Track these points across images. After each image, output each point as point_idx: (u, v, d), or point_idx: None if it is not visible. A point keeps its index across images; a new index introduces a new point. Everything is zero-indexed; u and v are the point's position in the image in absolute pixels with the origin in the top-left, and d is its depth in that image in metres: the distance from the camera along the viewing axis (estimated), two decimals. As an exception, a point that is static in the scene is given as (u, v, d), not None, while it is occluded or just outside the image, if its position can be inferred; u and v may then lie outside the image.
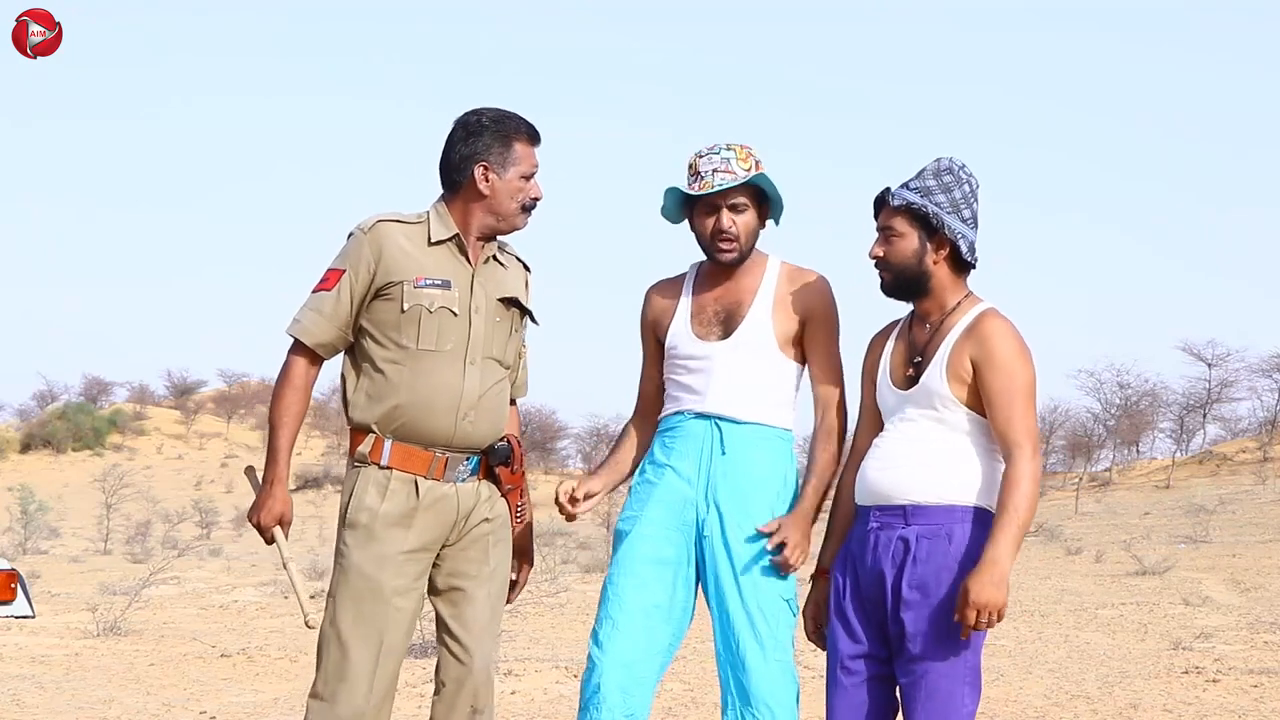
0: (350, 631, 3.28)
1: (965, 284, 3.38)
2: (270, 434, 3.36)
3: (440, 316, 3.34)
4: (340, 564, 3.33)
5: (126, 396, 59.74)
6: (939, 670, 3.21)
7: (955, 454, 3.29)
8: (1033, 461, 3.22)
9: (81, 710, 6.57)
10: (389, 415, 3.33)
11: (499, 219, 3.41)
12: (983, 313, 3.33)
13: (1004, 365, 3.26)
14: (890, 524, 3.29)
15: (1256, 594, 11.99)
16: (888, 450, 3.35)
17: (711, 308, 3.61)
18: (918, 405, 3.32)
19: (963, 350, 3.29)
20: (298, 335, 3.36)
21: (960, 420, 3.29)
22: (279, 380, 3.38)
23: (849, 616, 3.35)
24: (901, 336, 3.45)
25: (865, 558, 3.32)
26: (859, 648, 3.33)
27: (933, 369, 3.31)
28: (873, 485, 3.34)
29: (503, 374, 3.46)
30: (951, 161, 3.35)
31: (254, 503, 3.39)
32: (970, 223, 3.34)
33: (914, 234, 3.32)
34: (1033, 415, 3.27)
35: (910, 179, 3.35)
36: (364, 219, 3.41)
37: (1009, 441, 3.23)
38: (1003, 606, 3.14)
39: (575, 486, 3.64)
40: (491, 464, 3.44)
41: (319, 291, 3.37)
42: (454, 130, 3.41)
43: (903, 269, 3.34)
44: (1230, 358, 36.70)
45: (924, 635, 3.21)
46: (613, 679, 3.44)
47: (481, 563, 3.42)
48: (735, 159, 3.52)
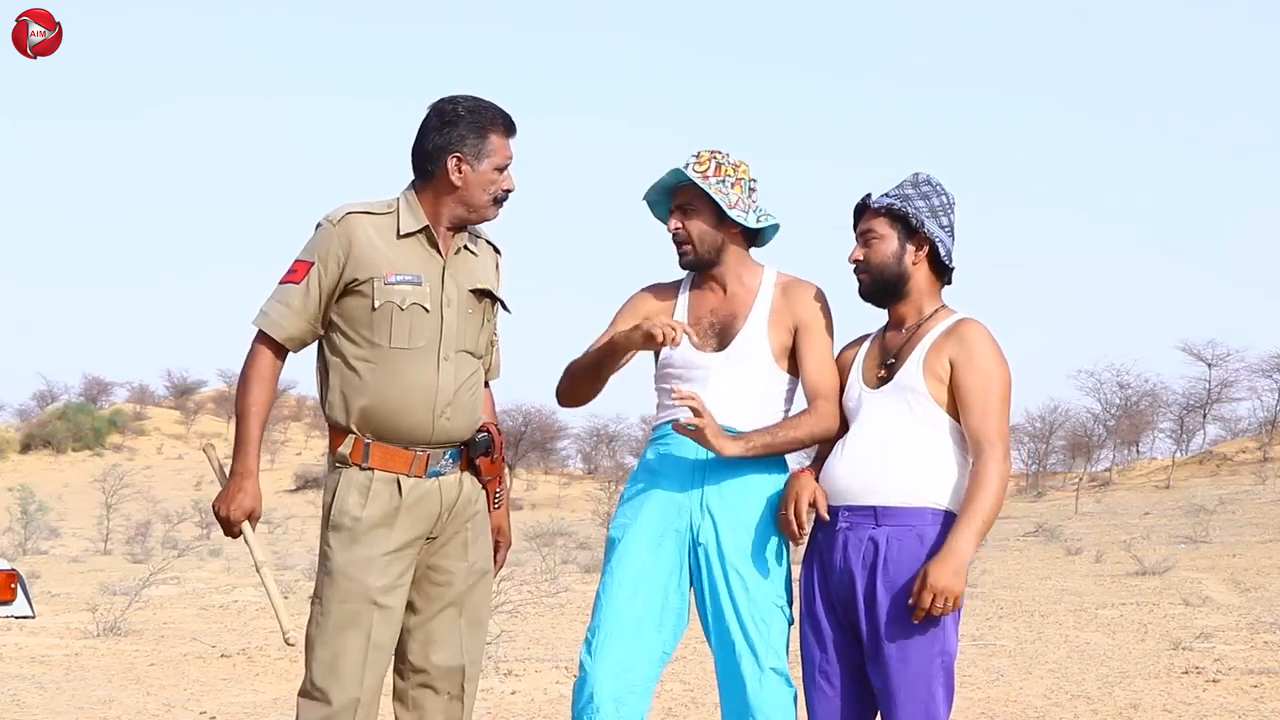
0: (337, 632, 3.26)
1: (941, 295, 3.46)
2: (238, 425, 3.29)
3: (412, 313, 3.30)
4: (325, 566, 3.31)
5: (126, 396, 59.75)
6: (913, 670, 3.23)
7: (926, 454, 3.31)
8: (1003, 462, 3.26)
9: (81, 710, 6.57)
10: (365, 415, 3.30)
11: (469, 210, 3.37)
12: (963, 318, 3.40)
13: (983, 366, 3.30)
14: (859, 524, 3.31)
15: (1256, 594, 11.99)
16: (856, 450, 3.36)
17: (707, 319, 3.61)
18: (889, 402, 3.35)
19: (942, 349, 3.33)
20: (265, 328, 3.30)
21: (932, 419, 3.32)
22: (244, 372, 3.32)
23: (820, 620, 3.37)
24: (875, 341, 3.50)
25: (834, 558, 3.33)
26: (830, 651, 3.35)
27: (909, 365, 3.35)
28: (841, 484, 3.35)
29: (476, 365, 3.43)
30: (929, 176, 3.45)
31: (220, 493, 3.31)
32: (948, 230, 3.43)
33: (894, 235, 3.40)
34: (1006, 419, 3.32)
35: (888, 190, 3.45)
36: (332, 209, 3.34)
37: (981, 440, 3.26)
38: (959, 595, 3.19)
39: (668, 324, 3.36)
40: (473, 456, 3.43)
41: (286, 283, 3.31)
42: (428, 117, 3.35)
43: (882, 269, 3.40)
44: (1230, 358, 36.71)
45: (896, 636, 3.23)
46: (605, 689, 3.43)
47: (460, 558, 3.41)
48: (694, 163, 3.56)
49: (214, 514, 3.32)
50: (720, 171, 3.55)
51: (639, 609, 3.49)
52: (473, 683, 3.47)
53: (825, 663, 3.36)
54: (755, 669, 3.43)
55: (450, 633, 3.40)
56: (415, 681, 3.41)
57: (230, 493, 3.29)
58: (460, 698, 3.43)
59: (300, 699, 3.31)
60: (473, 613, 3.44)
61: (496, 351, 3.59)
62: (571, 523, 26.54)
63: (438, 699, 3.41)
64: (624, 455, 46.59)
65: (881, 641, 3.24)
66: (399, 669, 3.42)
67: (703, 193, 3.55)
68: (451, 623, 3.40)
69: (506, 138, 3.37)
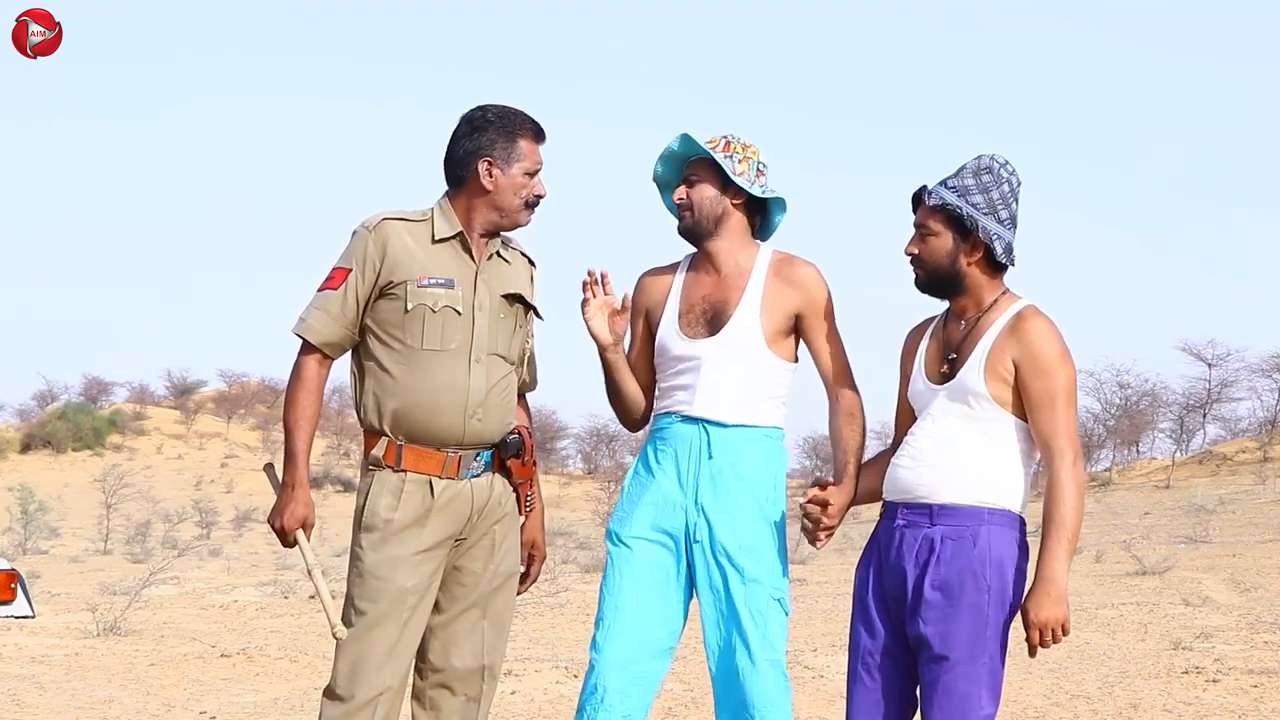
0: (365, 632, 3.30)
1: (1002, 281, 3.35)
2: (287, 437, 3.35)
3: (444, 315, 3.34)
4: (356, 566, 3.35)
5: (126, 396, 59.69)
6: (958, 671, 3.19)
7: (985, 455, 3.26)
8: (1075, 467, 3.20)
9: (81, 710, 6.57)
10: (397, 417, 3.34)
11: (502, 215, 3.41)
12: (1022, 311, 3.29)
13: (1046, 367, 3.22)
14: (916, 522, 3.27)
15: (1256, 594, 11.98)
16: (918, 447, 3.33)
17: (699, 305, 3.61)
18: (951, 401, 3.29)
19: (1004, 349, 3.25)
20: (305, 335, 3.35)
21: (993, 419, 3.26)
22: (291, 382, 3.37)
23: (871, 611, 3.34)
24: (936, 333, 3.42)
25: (890, 553, 3.31)
26: (879, 643, 3.32)
27: (970, 366, 3.27)
28: (901, 482, 3.33)
29: (508, 369, 3.46)
30: (993, 160, 3.31)
31: (275, 505, 3.36)
32: (1007, 224, 3.30)
33: (949, 234, 3.29)
34: (1074, 419, 3.25)
35: (949, 176, 3.32)
36: (368, 216, 3.41)
37: (1051, 448, 3.21)
38: (1065, 621, 3.14)
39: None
40: (504, 457, 3.45)
41: (325, 290, 3.37)
42: (459, 126, 3.42)
43: (936, 268, 3.32)
44: (1230, 358, 36.64)
45: (944, 635, 3.19)
46: (610, 680, 3.45)
47: (487, 560, 3.44)
48: (707, 140, 3.60)
49: (270, 526, 3.37)
50: (729, 148, 3.58)
51: (640, 604, 3.51)
52: (492, 684, 3.49)
53: (870, 655, 3.33)
54: (749, 663, 3.44)
55: (471, 634, 3.43)
56: (433, 681, 3.43)
57: (283, 504, 3.34)
58: (478, 699, 3.46)
59: (324, 698, 3.34)
60: (496, 615, 3.47)
61: (532, 362, 3.61)
62: (571, 523, 26.55)
63: (454, 700, 3.43)
64: (624, 455, 46.55)
65: (929, 640, 3.21)
66: (418, 668, 3.45)
67: (709, 164, 3.57)
68: (474, 624, 3.43)
69: (536, 143, 3.43)
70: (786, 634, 3.53)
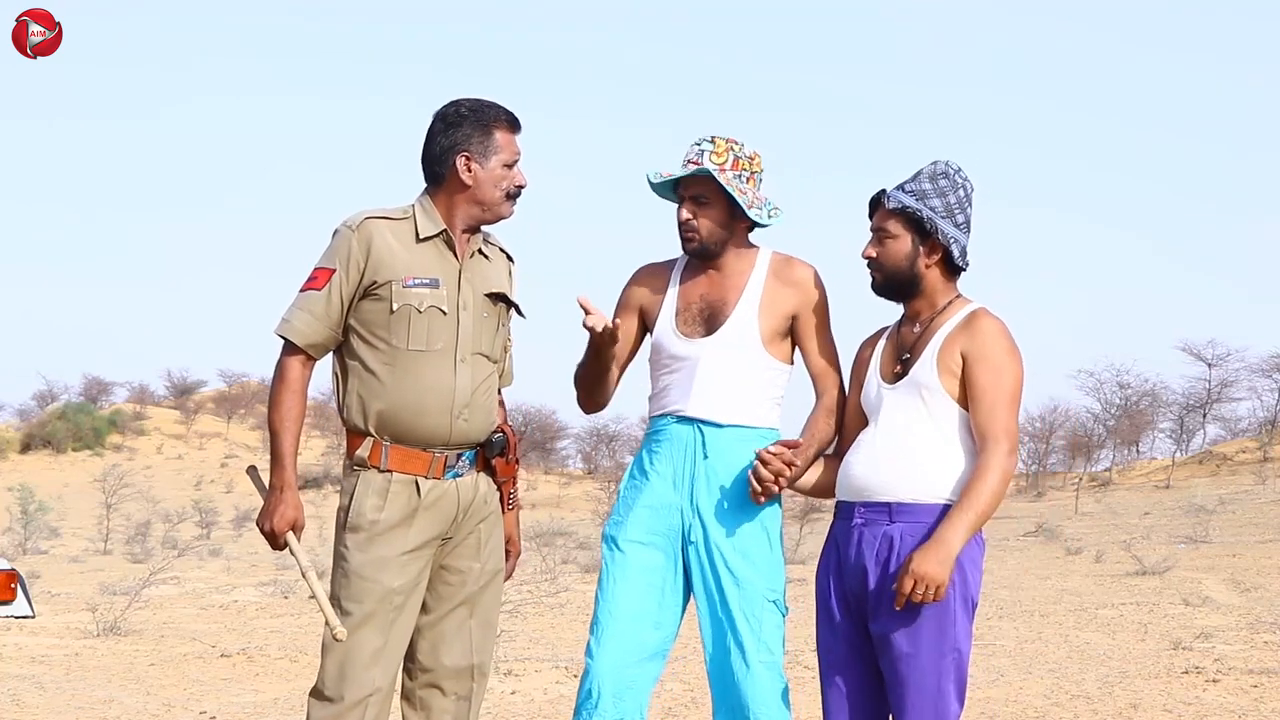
0: (352, 632, 3.28)
1: (955, 285, 3.42)
2: (272, 439, 3.33)
3: (430, 316, 3.32)
4: (342, 567, 3.33)
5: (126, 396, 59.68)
6: (924, 667, 3.22)
7: (941, 451, 3.30)
8: (1006, 458, 3.23)
9: (81, 710, 6.57)
10: (383, 418, 3.32)
11: (484, 209, 3.39)
12: (975, 311, 3.36)
13: (994, 362, 3.28)
14: (875, 520, 3.30)
15: (1256, 594, 11.98)
16: (873, 446, 3.36)
17: (696, 304, 3.59)
18: (905, 398, 3.33)
19: (954, 343, 3.30)
20: (288, 336, 3.32)
21: (947, 414, 3.30)
22: (275, 383, 3.35)
23: (834, 613, 3.37)
24: (890, 337, 3.47)
25: (849, 553, 3.33)
26: (845, 644, 3.35)
27: (923, 361, 3.32)
28: (857, 481, 3.35)
29: (491, 369, 3.45)
30: (948, 165, 3.36)
31: (263, 508, 3.34)
32: (963, 227, 3.37)
33: (907, 237, 3.34)
34: (1015, 416, 3.29)
35: (906, 180, 3.37)
36: (350, 215, 3.37)
37: (987, 436, 3.24)
38: (942, 584, 3.16)
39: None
40: (489, 456, 3.45)
41: (308, 290, 3.33)
42: (433, 123, 3.38)
43: (894, 271, 3.37)
44: (1230, 358, 36.65)
45: (908, 632, 3.22)
46: (604, 682, 3.45)
47: (473, 559, 3.43)
48: (711, 151, 3.52)
49: (258, 529, 3.35)
50: (738, 165, 3.52)
51: (635, 607, 3.50)
52: (482, 683, 3.48)
53: (838, 658, 3.36)
54: (743, 664, 3.44)
55: (460, 633, 3.42)
56: (423, 681, 3.42)
57: (272, 506, 3.31)
58: (468, 698, 3.44)
59: (310, 699, 3.33)
60: (483, 613, 3.46)
61: (510, 358, 3.60)
62: (571, 523, 26.54)
63: (445, 699, 3.42)
64: (624, 455, 46.55)
65: (891, 637, 3.23)
66: (408, 669, 3.44)
67: (719, 186, 3.52)
68: (461, 623, 3.42)
69: (512, 134, 3.39)
70: (784, 634, 3.53)
